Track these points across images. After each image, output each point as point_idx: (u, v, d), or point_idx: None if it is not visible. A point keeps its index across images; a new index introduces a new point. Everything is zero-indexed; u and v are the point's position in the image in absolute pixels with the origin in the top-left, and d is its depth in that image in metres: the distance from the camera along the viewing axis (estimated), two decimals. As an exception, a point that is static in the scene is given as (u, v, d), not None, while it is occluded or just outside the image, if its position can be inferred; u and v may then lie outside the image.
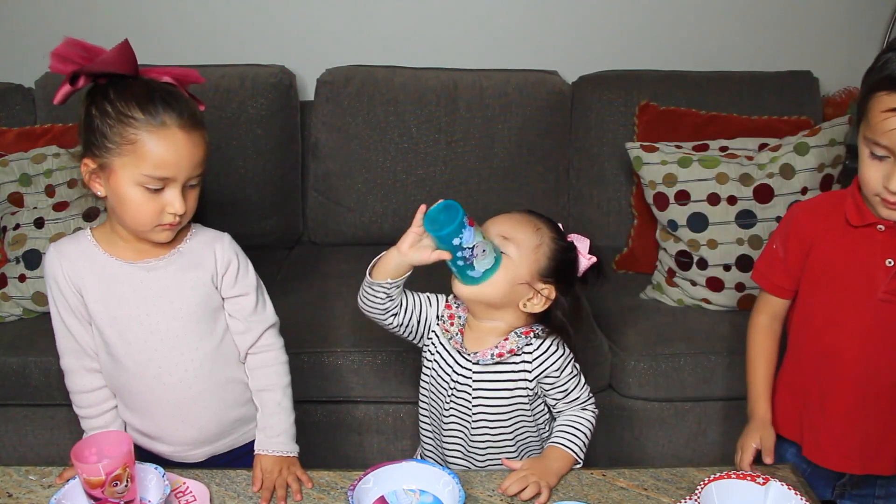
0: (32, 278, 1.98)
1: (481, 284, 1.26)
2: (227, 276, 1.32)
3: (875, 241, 1.24)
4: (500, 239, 1.28)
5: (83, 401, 1.34)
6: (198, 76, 1.27)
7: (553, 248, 1.30)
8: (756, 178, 2.04)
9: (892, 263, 1.23)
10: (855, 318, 1.27)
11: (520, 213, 1.34)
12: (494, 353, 1.30)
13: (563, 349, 1.33)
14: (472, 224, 1.23)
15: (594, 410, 1.36)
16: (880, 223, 1.23)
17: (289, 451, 1.31)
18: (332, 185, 2.39)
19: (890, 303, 1.23)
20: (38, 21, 2.50)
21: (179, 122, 1.18)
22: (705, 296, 2.07)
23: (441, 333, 1.36)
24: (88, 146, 1.21)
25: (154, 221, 1.22)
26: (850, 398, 1.30)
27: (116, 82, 1.19)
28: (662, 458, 1.99)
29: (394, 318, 1.34)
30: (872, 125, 1.13)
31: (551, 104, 2.37)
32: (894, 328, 1.25)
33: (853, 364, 1.28)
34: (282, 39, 2.54)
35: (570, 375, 1.34)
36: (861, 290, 1.25)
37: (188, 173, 1.21)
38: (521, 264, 1.27)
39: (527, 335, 1.31)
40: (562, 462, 1.27)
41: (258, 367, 1.36)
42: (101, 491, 1.04)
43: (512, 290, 1.28)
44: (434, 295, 1.39)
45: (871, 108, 1.14)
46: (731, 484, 1.16)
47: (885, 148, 1.13)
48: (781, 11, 2.51)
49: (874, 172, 1.16)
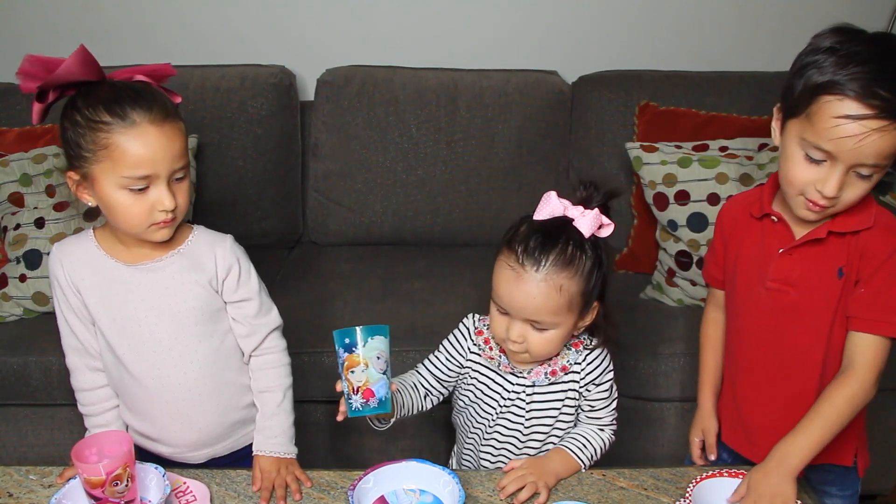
0: (33, 278, 1.98)
1: (534, 355, 1.25)
2: (228, 282, 1.31)
3: (771, 231, 1.26)
4: (530, 320, 1.21)
5: (86, 399, 1.35)
6: (170, 69, 1.25)
7: (583, 285, 1.20)
8: (756, 178, 2.04)
9: (781, 252, 1.24)
10: (751, 307, 1.29)
11: (533, 276, 1.18)
12: (548, 371, 1.29)
13: (607, 361, 1.32)
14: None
15: (612, 436, 1.34)
16: (773, 214, 1.25)
17: (287, 453, 1.31)
18: (332, 185, 2.39)
19: (776, 291, 1.25)
20: (38, 21, 2.50)
21: (149, 117, 1.17)
22: (705, 296, 2.06)
23: (485, 361, 1.32)
24: (69, 159, 1.21)
25: (146, 222, 1.21)
26: (751, 387, 1.32)
27: (83, 91, 1.18)
28: (662, 458, 1.99)
29: (433, 403, 1.37)
30: (818, 129, 1.09)
31: (551, 104, 2.37)
32: (781, 316, 1.25)
33: (749, 354, 1.31)
34: (282, 39, 2.54)
35: (604, 392, 1.32)
36: (757, 279, 1.27)
37: (169, 167, 1.19)
38: (566, 327, 1.23)
39: (576, 347, 1.30)
40: (564, 465, 1.27)
41: (260, 369, 1.36)
42: (101, 490, 1.04)
43: (565, 341, 1.27)
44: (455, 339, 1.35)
45: (817, 111, 1.10)
46: (721, 482, 1.17)
47: (827, 154, 1.10)
48: (781, 11, 2.51)
49: (806, 174, 1.13)
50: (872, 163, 1.09)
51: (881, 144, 1.07)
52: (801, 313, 1.24)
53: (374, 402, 1.16)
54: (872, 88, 1.05)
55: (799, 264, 1.23)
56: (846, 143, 1.08)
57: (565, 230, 1.20)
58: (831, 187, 1.12)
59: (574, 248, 1.19)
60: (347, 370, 1.16)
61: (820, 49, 1.12)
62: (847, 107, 1.07)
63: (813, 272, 1.22)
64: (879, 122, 1.06)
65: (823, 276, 1.21)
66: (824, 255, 1.21)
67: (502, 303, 1.22)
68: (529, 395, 1.30)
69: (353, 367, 1.16)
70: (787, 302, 1.25)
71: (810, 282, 1.23)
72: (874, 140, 1.07)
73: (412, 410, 1.32)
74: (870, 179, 1.13)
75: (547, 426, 1.33)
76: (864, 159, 1.09)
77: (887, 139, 1.07)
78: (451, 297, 2.08)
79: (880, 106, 1.05)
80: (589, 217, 1.20)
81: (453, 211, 2.37)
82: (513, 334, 1.22)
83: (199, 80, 2.32)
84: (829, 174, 1.12)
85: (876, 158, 1.09)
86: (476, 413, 1.35)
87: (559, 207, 1.21)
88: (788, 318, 1.25)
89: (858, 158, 1.09)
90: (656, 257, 2.17)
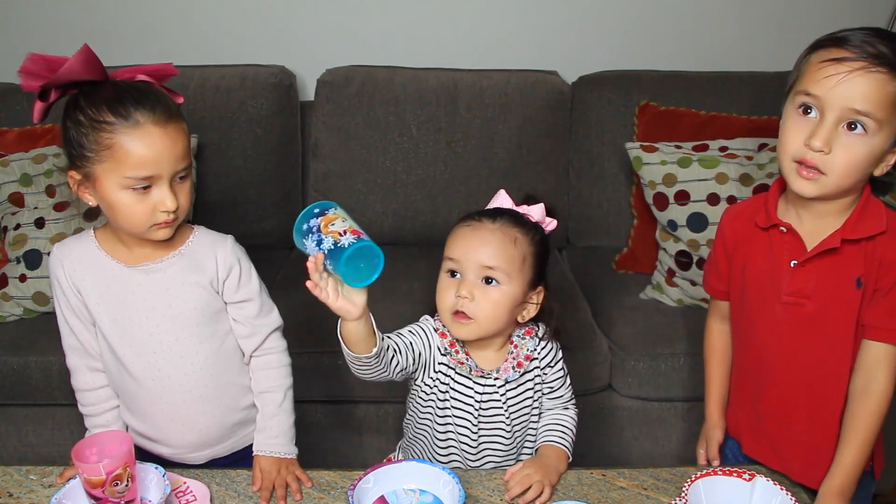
0: (33, 278, 1.98)
1: (480, 323, 1.24)
2: (228, 282, 1.31)
3: (780, 242, 1.23)
4: (484, 269, 1.23)
5: (86, 399, 1.35)
6: (172, 69, 1.25)
7: (534, 252, 1.27)
8: (756, 178, 2.04)
9: (794, 264, 1.21)
10: (767, 320, 1.26)
11: (490, 226, 1.26)
12: (514, 364, 1.30)
13: (555, 343, 1.35)
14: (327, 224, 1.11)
15: (576, 410, 1.38)
16: (782, 224, 1.22)
17: (287, 453, 1.31)
18: (332, 185, 2.39)
19: (791, 304, 1.22)
20: (38, 21, 2.50)
21: (153, 118, 1.17)
22: (705, 296, 2.05)
23: (454, 365, 1.30)
24: (71, 158, 1.20)
25: (148, 222, 1.21)
26: (777, 402, 1.28)
27: (86, 90, 1.18)
28: (662, 458, 1.99)
29: (398, 366, 1.25)
30: (807, 76, 1.13)
31: (551, 104, 2.37)
32: (801, 330, 1.22)
33: (770, 366, 1.28)
34: (282, 39, 2.54)
35: (560, 371, 1.36)
36: (770, 292, 1.24)
37: (172, 168, 1.19)
38: (515, 289, 1.25)
39: (529, 335, 1.32)
40: (560, 460, 1.28)
41: (261, 369, 1.36)
42: (101, 490, 1.04)
43: (510, 315, 1.27)
44: (417, 326, 1.33)
45: (808, 61, 1.14)
46: (717, 480, 1.17)
47: (815, 98, 1.12)
48: (781, 11, 2.51)
49: (797, 133, 1.14)
50: (861, 108, 1.09)
51: (867, 88, 1.08)
52: (820, 326, 1.21)
53: (366, 238, 1.08)
54: (862, 42, 1.09)
55: (814, 276, 1.20)
56: (830, 82, 1.09)
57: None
58: (821, 136, 1.11)
59: (524, 218, 1.29)
60: (327, 226, 1.10)
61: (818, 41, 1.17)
62: (835, 53, 1.10)
63: (830, 283, 1.19)
64: (864, 63, 1.08)
65: (841, 286, 1.19)
66: (840, 265, 1.19)
67: (456, 255, 1.25)
68: (504, 395, 1.31)
69: (332, 222, 1.11)
70: (804, 315, 1.21)
71: (828, 293, 1.20)
72: (860, 81, 1.08)
73: (384, 355, 1.22)
74: (862, 138, 1.11)
75: (525, 416, 1.34)
76: (852, 103, 1.09)
77: (873, 83, 1.08)
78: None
79: (870, 53, 1.08)
80: (536, 208, 1.30)
81: (453, 211, 2.36)
82: (462, 290, 1.23)
83: (199, 80, 2.32)
84: (818, 125, 1.12)
85: (864, 104, 1.09)
86: (455, 423, 1.32)
87: (508, 202, 1.32)
88: (808, 331, 1.22)
89: (846, 101, 1.09)
90: (656, 257, 2.17)
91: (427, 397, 1.33)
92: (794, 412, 1.27)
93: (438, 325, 1.32)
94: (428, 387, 1.32)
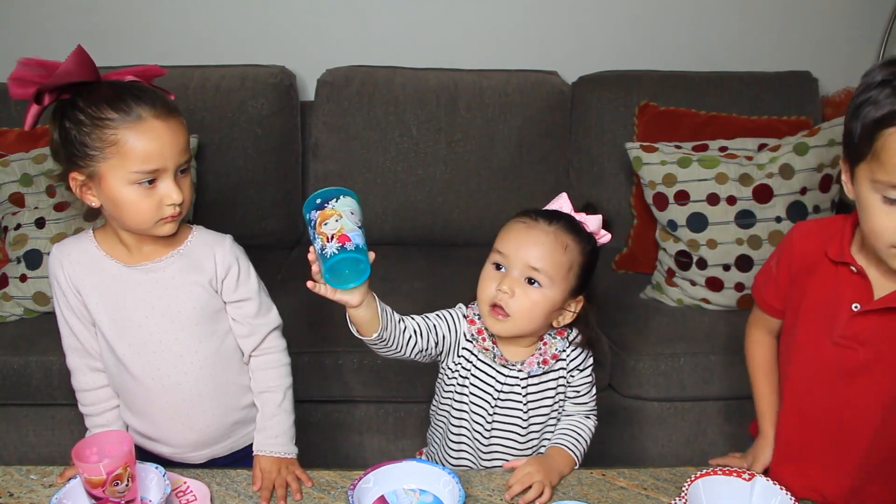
0: (33, 278, 1.98)
1: (516, 322, 1.24)
2: (227, 282, 1.31)
3: (847, 280, 1.17)
4: (529, 269, 1.23)
5: (86, 399, 1.35)
6: (159, 69, 1.25)
7: (582, 262, 1.26)
8: (755, 178, 2.04)
9: (857, 308, 1.15)
10: (812, 357, 1.21)
11: (545, 228, 1.25)
12: (539, 360, 1.30)
13: (587, 350, 1.34)
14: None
15: (596, 422, 1.37)
16: (854, 265, 1.15)
17: (287, 453, 1.31)
18: (333, 185, 2.35)
19: (842, 347, 1.17)
20: (38, 21, 2.50)
21: (154, 112, 1.18)
22: (705, 296, 2.07)
23: (478, 351, 1.31)
24: (71, 160, 1.20)
25: (155, 217, 1.21)
26: (820, 443, 1.23)
27: (81, 91, 1.18)
28: (662, 458, 2.00)
29: (415, 347, 1.26)
30: (888, 166, 1.01)
31: (551, 104, 2.38)
32: (847, 372, 1.17)
33: (801, 403, 1.24)
34: (282, 39, 2.54)
35: (587, 377, 1.34)
36: (824, 330, 1.19)
37: (176, 161, 1.20)
38: (556, 295, 1.25)
39: (561, 335, 1.32)
40: (565, 464, 1.28)
41: (260, 369, 1.36)
42: (101, 490, 1.04)
43: (546, 318, 1.27)
44: (447, 311, 1.34)
45: (882, 147, 1.01)
46: (717, 480, 1.16)
47: None
48: (781, 11, 2.51)
49: (889, 220, 1.04)
50: None
51: None
52: (867, 373, 1.16)
53: (350, 247, 1.06)
54: None
55: (873, 324, 1.14)
56: None
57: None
58: None
59: (580, 226, 1.28)
60: (320, 224, 1.08)
61: (872, 85, 1.04)
62: None
63: (889, 337, 1.14)
64: None
65: None
66: None
67: (505, 250, 1.25)
68: (525, 388, 1.31)
69: (326, 220, 1.09)
70: (854, 360, 1.16)
71: (884, 345, 1.14)
72: None
73: (393, 334, 1.24)
74: None
75: (543, 416, 1.34)
76: None
77: None
78: (451, 297, 2.07)
79: None
80: (594, 218, 1.29)
81: (453, 211, 2.37)
82: (504, 286, 1.24)
83: (199, 80, 2.32)
84: None
85: None
86: (470, 409, 1.33)
87: (568, 206, 1.31)
88: (853, 375, 1.17)
89: None
90: (656, 257, 2.17)
91: (449, 380, 1.34)
92: (813, 448, 1.25)
93: (470, 312, 1.33)
94: (451, 370, 1.33)
